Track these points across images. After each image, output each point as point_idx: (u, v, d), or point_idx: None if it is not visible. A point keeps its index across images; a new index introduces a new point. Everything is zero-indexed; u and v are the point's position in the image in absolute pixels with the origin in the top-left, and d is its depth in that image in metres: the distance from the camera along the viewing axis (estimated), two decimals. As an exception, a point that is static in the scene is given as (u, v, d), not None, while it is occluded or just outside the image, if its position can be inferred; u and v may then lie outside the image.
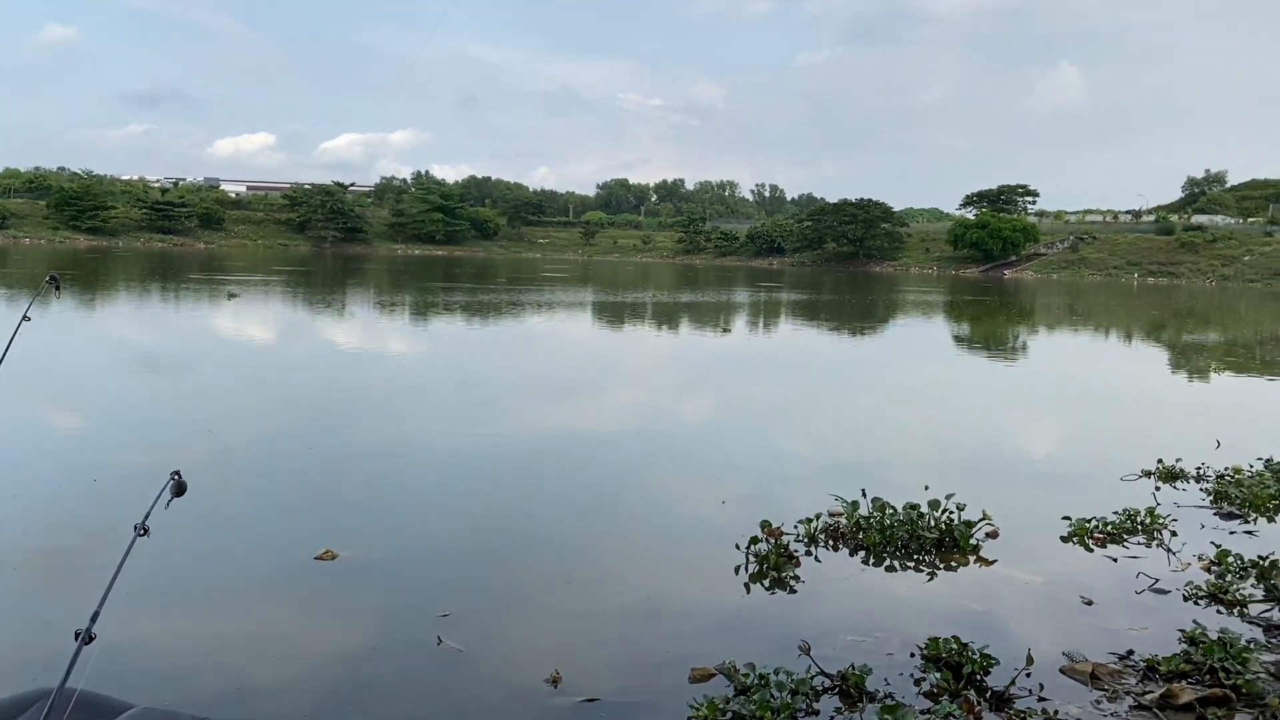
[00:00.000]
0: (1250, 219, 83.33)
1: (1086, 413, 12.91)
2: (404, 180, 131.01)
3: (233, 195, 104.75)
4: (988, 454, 9.86)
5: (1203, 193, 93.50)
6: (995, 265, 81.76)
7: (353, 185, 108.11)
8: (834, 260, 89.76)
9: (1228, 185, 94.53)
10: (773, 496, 7.52)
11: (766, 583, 5.61)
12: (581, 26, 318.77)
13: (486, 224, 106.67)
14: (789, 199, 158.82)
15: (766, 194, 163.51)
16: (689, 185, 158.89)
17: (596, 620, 5.00)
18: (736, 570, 5.78)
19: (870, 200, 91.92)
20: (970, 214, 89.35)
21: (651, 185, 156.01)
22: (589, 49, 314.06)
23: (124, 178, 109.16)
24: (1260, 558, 5.87)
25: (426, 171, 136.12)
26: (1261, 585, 5.57)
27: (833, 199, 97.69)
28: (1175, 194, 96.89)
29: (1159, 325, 34.32)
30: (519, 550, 6.12)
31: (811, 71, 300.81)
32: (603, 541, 6.41)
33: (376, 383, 13.00)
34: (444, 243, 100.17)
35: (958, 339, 25.92)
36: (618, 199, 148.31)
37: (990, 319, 33.56)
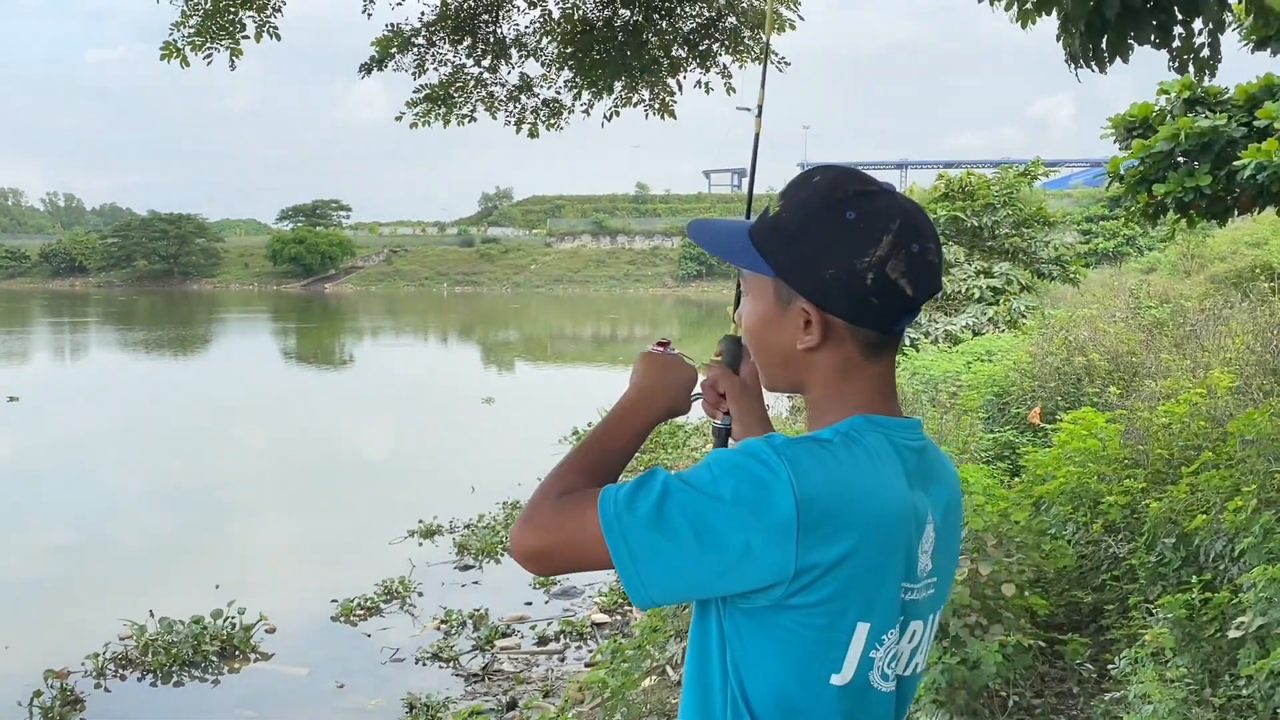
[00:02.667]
0: (534, 230, 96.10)
1: (378, 468, 14.67)
2: None
3: None
4: (283, 530, 10.91)
5: (495, 207, 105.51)
6: (316, 279, 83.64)
7: None
8: (146, 279, 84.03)
9: (515, 200, 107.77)
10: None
11: (49, 735, 5.96)
12: None
13: None
14: (90, 209, 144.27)
15: (62, 204, 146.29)
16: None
17: None
18: (19, 728, 6.03)
19: (183, 215, 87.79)
20: (288, 227, 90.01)
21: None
22: None
23: None
24: (475, 610, 7.71)
25: None
26: (475, 635, 7.36)
27: (141, 210, 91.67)
28: (474, 208, 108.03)
29: (466, 332, 38.74)
30: None
31: (104, 69, 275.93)
32: None
33: None
34: None
35: (286, 363, 26.57)
36: None
37: (311, 341, 34.80)
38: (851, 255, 1.23)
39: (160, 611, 7.31)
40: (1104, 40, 3.79)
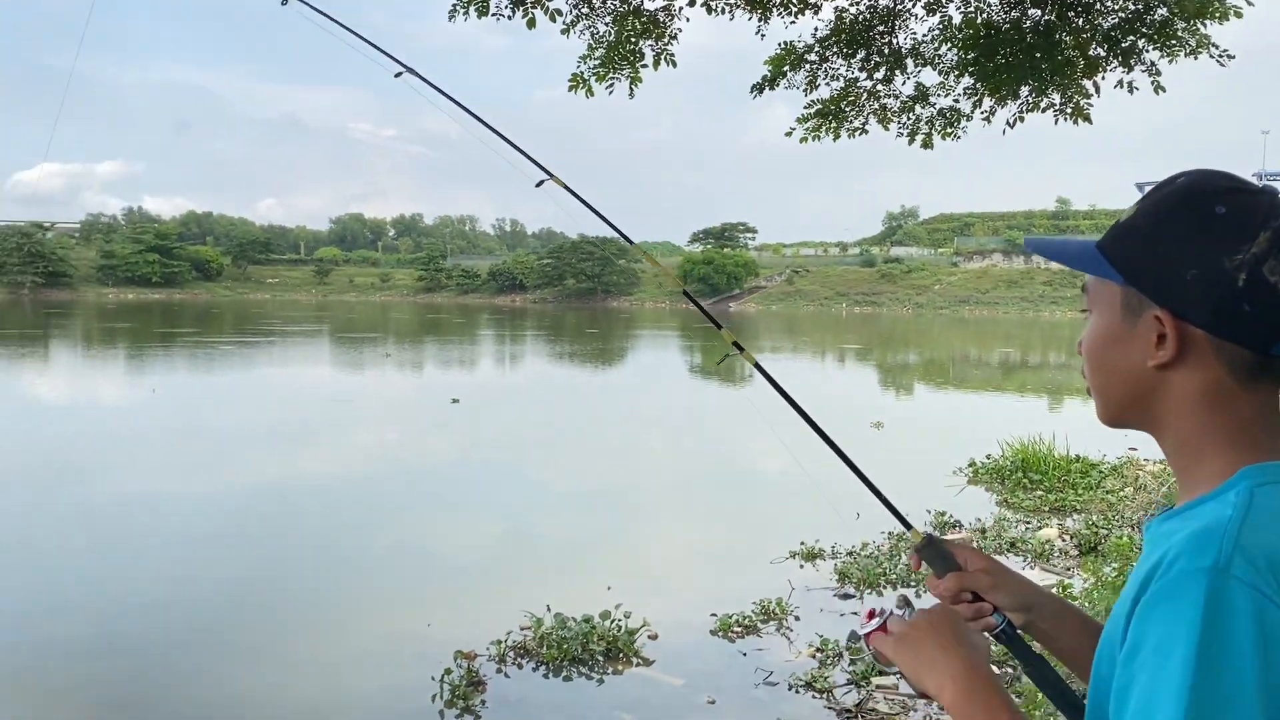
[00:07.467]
0: (939, 250, 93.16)
1: (768, 483, 14.79)
2: (114, 217, 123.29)
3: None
4: (675, 538, 11.32)
5: (900, 226, 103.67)
6: (722, 299, 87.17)
7: (55, 224, 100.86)
8: (574, 296, 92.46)
9: (920, 219, 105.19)
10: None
11: (456, 711, 6.57)
12: (300, 53, 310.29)
13: (209, 264, 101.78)
14: (530, 233, 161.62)
15: (508, 228, 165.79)
16: (428, 220, 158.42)
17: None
18: (433, 699, 6.70)
19: (607, 238, 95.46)
20: (698, 249, 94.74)
21: (389, 220, 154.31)
22: (311, 77, 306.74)
23: None
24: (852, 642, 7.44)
25: (139, 207, 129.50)
26: (850, 669, 7.10)
27: (572, 233, 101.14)
28: (877, 228, 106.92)
29: (863, 353, 38.31)
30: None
31: (548, 106, 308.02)
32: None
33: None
34: (161, 285, 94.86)
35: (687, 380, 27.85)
36: (353, 234, 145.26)
37: (714, 357, 36.22)
38: (1220, 253, 1.04)
39: (556, 606, 7.82)
40: None
